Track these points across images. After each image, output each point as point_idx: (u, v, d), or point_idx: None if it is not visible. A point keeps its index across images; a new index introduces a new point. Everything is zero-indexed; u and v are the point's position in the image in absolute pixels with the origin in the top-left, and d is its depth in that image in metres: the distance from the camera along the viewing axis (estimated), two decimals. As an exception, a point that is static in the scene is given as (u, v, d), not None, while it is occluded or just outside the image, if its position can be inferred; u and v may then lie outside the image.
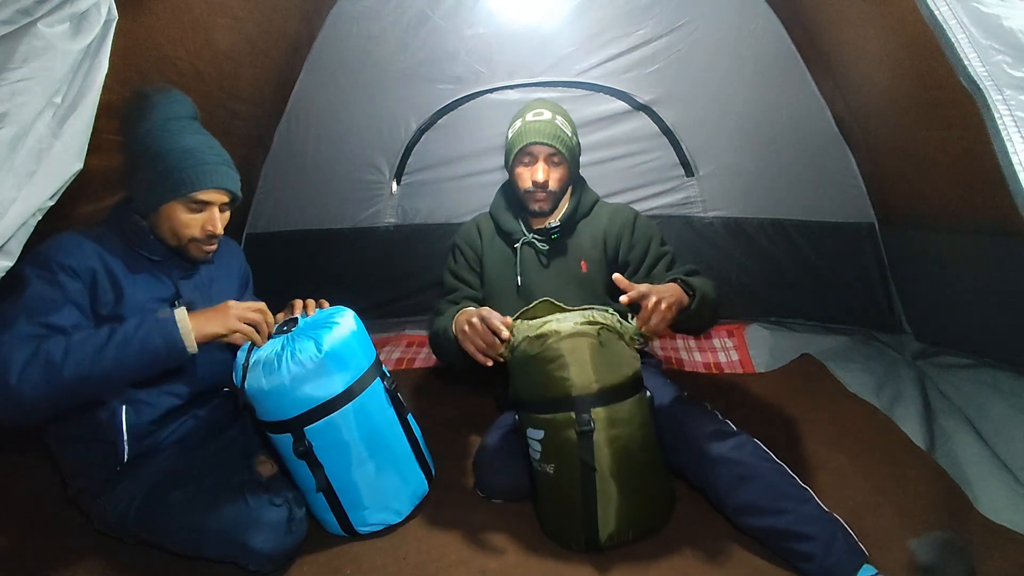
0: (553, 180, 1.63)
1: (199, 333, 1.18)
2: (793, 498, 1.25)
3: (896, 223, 2.35)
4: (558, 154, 1.62)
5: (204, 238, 1.32)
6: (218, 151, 1.32)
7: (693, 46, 2.37)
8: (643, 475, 1.31)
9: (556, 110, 1.66)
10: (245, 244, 2.73)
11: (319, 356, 1.25)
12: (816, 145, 2.43)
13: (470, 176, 2.67)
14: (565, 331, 1.29)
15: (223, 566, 1.29)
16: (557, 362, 1.28)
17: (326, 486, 1.32)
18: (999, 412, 1.69)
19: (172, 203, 1.28)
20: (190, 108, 1.35)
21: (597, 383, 1.27)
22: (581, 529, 1.29)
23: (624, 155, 2.58)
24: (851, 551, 1.17)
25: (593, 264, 1.70)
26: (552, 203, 1.68)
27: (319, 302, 1.45)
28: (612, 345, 1.32)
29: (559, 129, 1.61)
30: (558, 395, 1.28)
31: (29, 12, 0.86)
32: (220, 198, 1.31)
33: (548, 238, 1.70)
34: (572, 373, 1.27)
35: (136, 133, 1.28)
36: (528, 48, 2.45)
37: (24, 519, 1.51)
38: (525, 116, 1.64)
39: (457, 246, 1.81)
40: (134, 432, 1.31)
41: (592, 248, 1.71)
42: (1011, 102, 0.88)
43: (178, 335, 1.16)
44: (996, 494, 1.41)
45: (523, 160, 1.64)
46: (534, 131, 1.60)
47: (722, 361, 2.37)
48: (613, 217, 1.73)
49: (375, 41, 2.44)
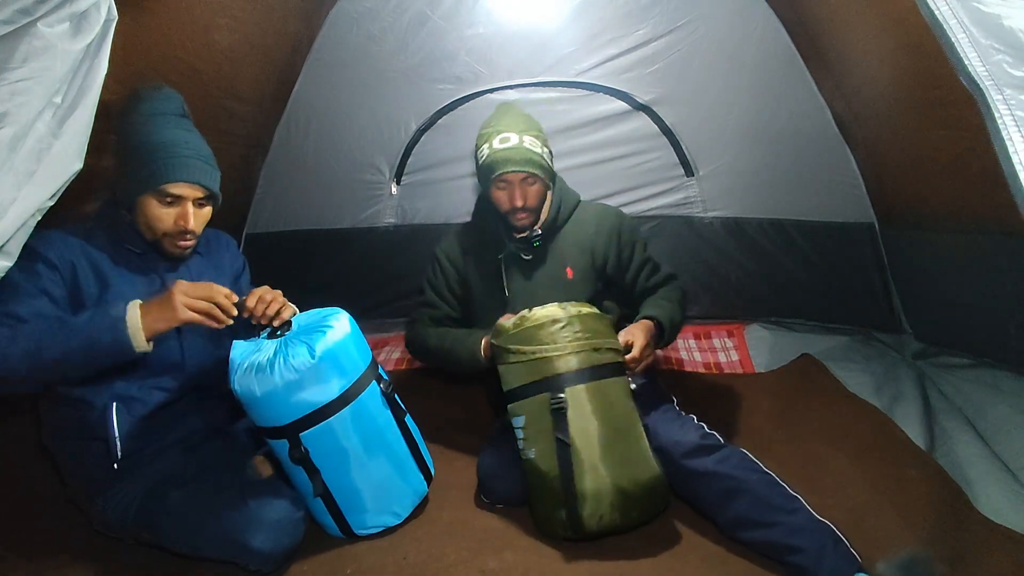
0: (531, 199, 1.62)
1: (149, 330, 1.15)
2: (782, 509, 1.26)
3: (896, 223, 2.35)
4: (531, 176, 1.60)
5: (176, 233, 1.31)
6: (195, 146, 1.31)
7: (693, 46, 2.37)
8: (623, 454, 1.31)
9: (523, 128, 1.61)
10: (245, 244, 2.72)
11: (312, 362, 1.24)
12: (816, 145, 2.43)
13: (470, 176, 2.67)
14: (539, 317, 1.38)
15: (223, 566, 1.29)
16: (532, 344, 1.36)
17: (324, 491, 1.32)
18: (999, 412, 1.69)
19: (146, 196, 1.28)
20: (178, 105, 1.34)
21: (572, 362, 1.34)
22: (563, 510, 1.30)
23: (624, 155, 2.58)
24: (843, 558, 1.17)
25: (579, 271, 1.70)
26: (534, 219, 1.68)
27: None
28: (589, 324, 1.39)
29: (528, 152, 1.58)
30: (535, 377, 1.35)
31: (29, 12, 0.87)
32: (192, 193, 1.30)
33: (530, 246, 1.70)
34: (546, 353, 1.35)
35: (121, 129, 1.29)
36: (528, 48, 2.45)
37: (24, 519, 1.50)
38: (492, 142, 1.60)
39: (438, 261, 1.80)
40: (126, 429, 1.30)
41: (578, 255, 1.71)
42: (1011, 102, 0.88)
43: (126, 334, 1.13)
44: (996, 494, 1.41)
45: (498, 185, 1.62)
46: (504, 160, 1.57)
47: (722, 361, 2.37)
48: (600, 223, 1.73)
49: (375, 41, 2.44)
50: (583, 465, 1.29)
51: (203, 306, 1.18)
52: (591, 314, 1.43)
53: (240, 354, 1.28)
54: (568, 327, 1.37)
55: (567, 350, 1.35)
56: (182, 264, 1.42)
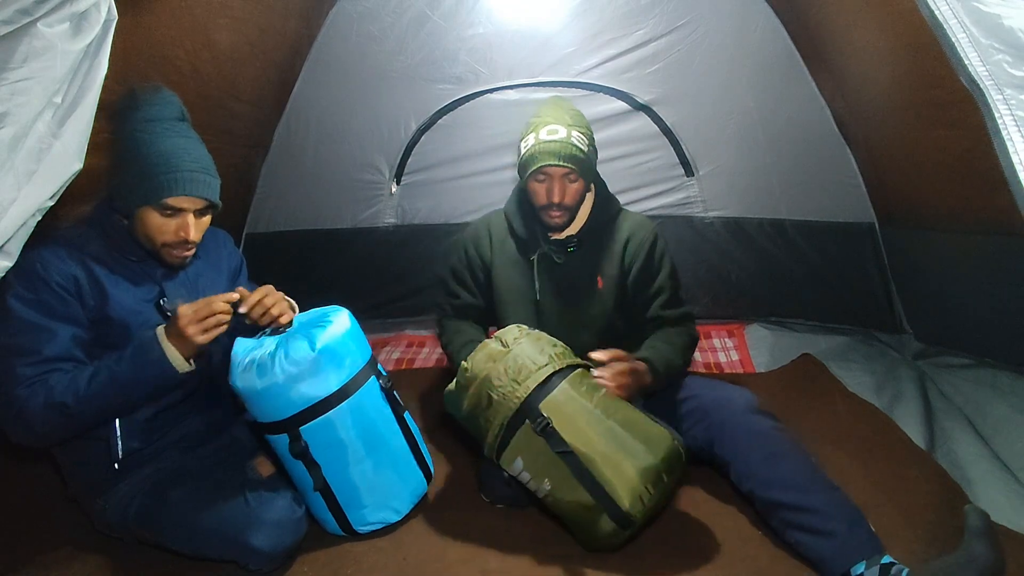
0: (569, 197, 1.58)
1: (180, 359, 1.22)
2: (825, 484, 1.27)
3: (896, 223, 2.35)
4: (573, 172, 1.56)
5: (177, 244, 1.29)
6: (195, 156, 1.28)
7: (693, 46, 2.37)
8: (628, 430, 1.28)
9: (572, 122, 1.57)
10: (245, 244, 2.72)
11: (312, 354, 1.25)
12: (816, 145, 2.43)
13: (470, 176, 2.68)
14: (479, 368, 1.34)
15: (223, 565, 1.29)
16: (481, 393, 1.32)
17: (323, 485, 1.32)
18: (999, 412, 1.69)
19: (145, 207, 1.26)
20: (176, 109, 1.31)
21: (526, 384, 1.30)
22: (605, 515, 1.24)
23: (624, 155, 2.58)
24: (872, 540, 1.18)
25: (609, 281, 1.66)
26: (569, 218, 1.63)
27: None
28: (520, 346, 1.35)
29: (574, 148, 1.54)
30: (507, 415, 1.30)
31: (29, 12, 0.86)
32: (193, 204, 1.28)
33: (565, 251, 1.67)
34: (498, 391, 1.31)
35: (119, 133, 1.27)
36: (528, 48, 2.45)
37: (24, 519, 1.51)
38: (539, 132, 1.55)
39: (465, 249, 1.76)
40: (127, 430, 1.31)
41: (609, 265, 1.66)
42: (1011, 102, 0.88)
43: (173, 368, 1.22)
44: (996, 494, 1.41)
45: (538, 178, 1.58)
46: (549, 152, 1.53)
47: (722, 361, 2.37)
48: (634, 234, 1.67)
49: (375, 41, 2.44)
50: (597, 463, 1.24)
51: (211, 322, 1.21)
52: (530, 336, 1.40)
53: (241, 351, 1.29)
54: (508, 357, 1.34)
55: (511, 379, 1.31)
56: (180, 269, 1.40)
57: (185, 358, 1.22)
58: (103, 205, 1.33)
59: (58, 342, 1.20)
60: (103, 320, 1.26)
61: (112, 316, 1.26)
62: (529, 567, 1.29)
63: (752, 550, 1.30)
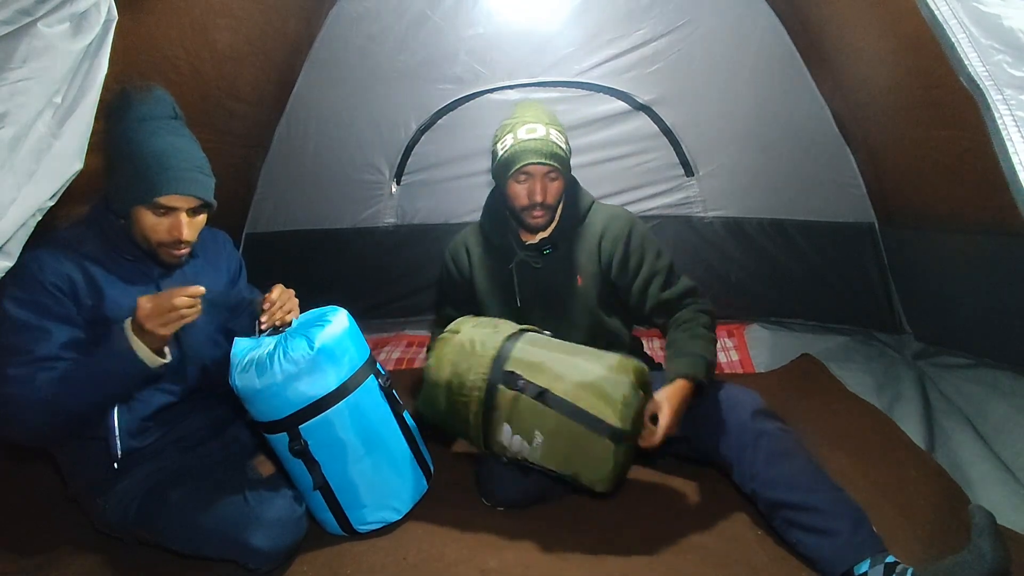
0: (551, 196, 1.57)
1: (147, 351, 1.20)
2: (828, 484, 1.27)
3: (896, 223, 2.35)
4: (555, 170, 1.55)
5: (171, 243, 1.29)
6: (188, 155, 1.28)
7: (693, 46, 2.37)
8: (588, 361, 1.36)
9: (548, 121, 1.57)
10: (245, 244, 2.73)
11: (311, 353, 1.25)
12: (816, 145, 2.43)
13: (470, 176, 2.67)
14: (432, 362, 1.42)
15: (223, 565, 1.29)
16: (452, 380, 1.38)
17: (323, 484, 1.32)
18: (999, 412, 1.69)
19: (139, 207, 1.26)
20: (168, 107, 1.30)
21: (487, 353, 1.37)
22: (598, 434, 1.28)
23: (624, 155, 2.58)
24: (875, 539, 1.18)
25: (589, 278, 1.65)
26: (550, 218, 1.63)
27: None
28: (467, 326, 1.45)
29: (554, 145, 1.54)
30: (480, 392, 1.35)
31: (29, 12, 0.87)
32: (186, 203, 1.27)
33: (541, 254, 1.66)
34: (468, 369, 1.37)
35: (112, 133, 1.26)
36: (528, 48, 2.45)
37: (24, 519, 1.51)
38: (516, 132, 1.55)
39: (445, 263, 1.80)
40: (127, 429, 1.31)
41: (587, 262, 1.65)
42: (1011, 102, 0.88)
43: (140, 360, 1.20)
44: (996, 494, 1.41)
45: (518, 178, 1.56)
46: (530, 151, 1.52)
47: (722, 361, 2.37)
48: (608, 225, 1.65)
49: (375, 41, 2.45)
50: (575, 393, 1.30)
51: (173, 316, 1.20)
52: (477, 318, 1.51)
53: (241, 350, 1.29)
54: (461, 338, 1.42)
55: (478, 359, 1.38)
56: (178, 268, 1.40)
57: (153, 350, 1.21)
58: (100, 205, 1.33)
59: (51, 342, 1.20)
60: (100, 320, 1.25)
61: (109, 316, 1.26)
62: (529, 567, 1.29)
63: (753, 550, 1.30)
